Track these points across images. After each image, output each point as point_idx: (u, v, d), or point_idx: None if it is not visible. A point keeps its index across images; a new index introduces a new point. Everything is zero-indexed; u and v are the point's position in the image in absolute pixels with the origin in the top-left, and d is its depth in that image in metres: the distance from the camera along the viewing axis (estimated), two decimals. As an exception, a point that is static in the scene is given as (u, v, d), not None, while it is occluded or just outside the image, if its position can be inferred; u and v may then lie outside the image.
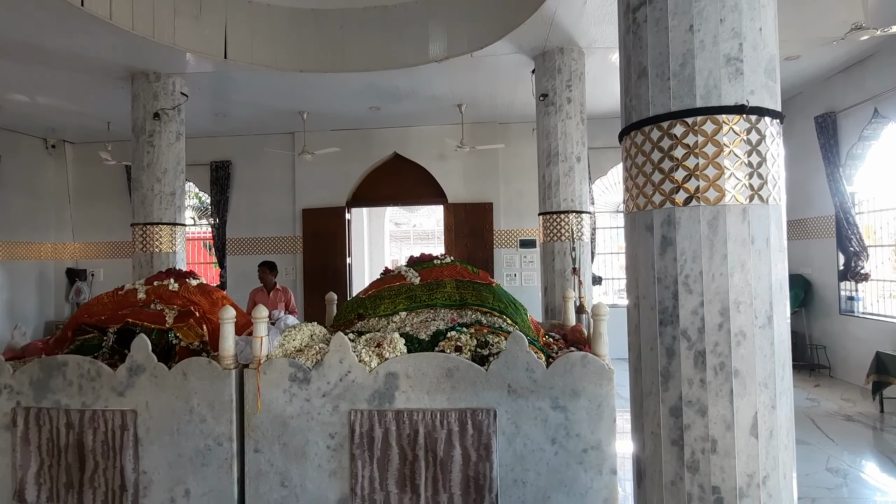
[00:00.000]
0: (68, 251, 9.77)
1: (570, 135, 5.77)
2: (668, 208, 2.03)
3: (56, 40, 5.40)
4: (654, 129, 2.08)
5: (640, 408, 2.17)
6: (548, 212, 5.80)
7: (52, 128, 8.80)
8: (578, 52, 5.81)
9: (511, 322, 3.72)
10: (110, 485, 3.42)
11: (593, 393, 3.13)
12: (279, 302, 6.20)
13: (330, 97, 7.36)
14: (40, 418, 3.49)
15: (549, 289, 5.84)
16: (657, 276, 2.06)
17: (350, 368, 3.27)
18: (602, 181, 8.87)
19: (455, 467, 3.15)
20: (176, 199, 6.38)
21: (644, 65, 2.12)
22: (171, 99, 6.30)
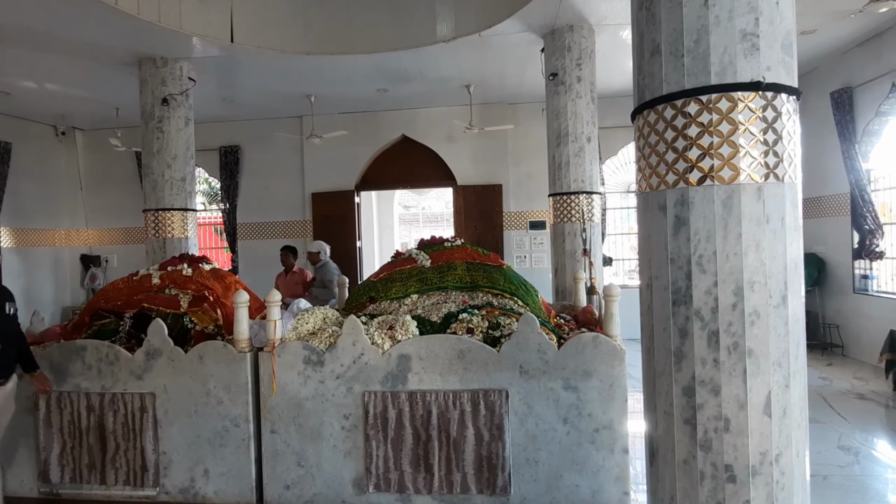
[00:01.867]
0: (82, 237, 9.88)
1: (581, 115, 5.70)
2: (682, 188, 2.01)
3: (63, 26, 5.39)
4: (667, 107, 2.05)
5: (652, 387, 2.18)
6: (558, 193, 5.77)
7: (62, 114, 8.83)
8: (588, 30, 5.71)
9: (522, 304, 3.74)
10: (131, 465, 3.51)
11: (605, 373, 3.15)
12: (295, 283, 6.28)
13: (337, 80, 7.31)
14: (61, 402, 3.57)
15: (559, 270, 5.83)
16: (670, 257, 2.05)
17: (363, 351, 3.31)
18: (612, 161, 8.78)
19: (468, 447, 3.19)
20: (186, 185, 6.41)
21: (657, 42, 2.08)
22: (179, 84, 6.29)
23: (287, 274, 6.39)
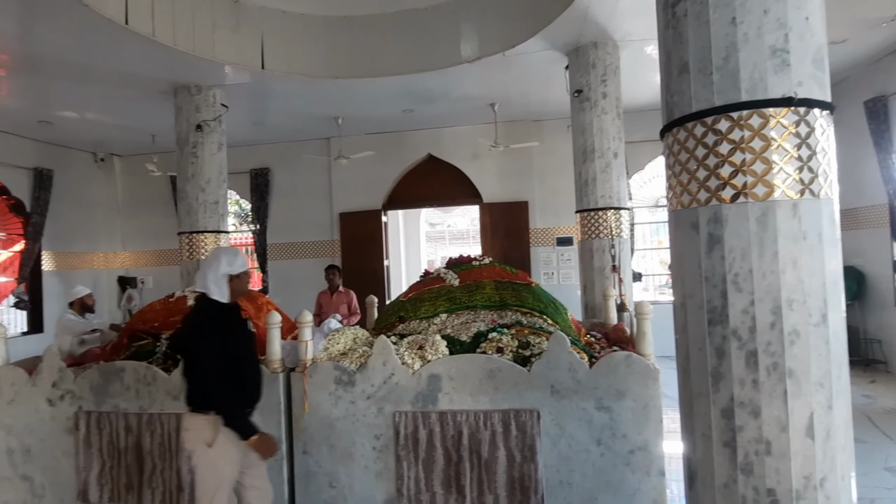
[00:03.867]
0: (119, 260, 10.20)
1: (607, 130, 5.69)
2: (715, 205, 1.99)
3: (103, 58, 5.65)
4: (697, 124, 2.04)
5: (689, 409, 2.13)
6: (585, 209, 5.74)
7: (101, 142, 9.20)
8: (613, 46, 5.72)
9: (552, 322, 3.71)
10: (167, 485, 3.57)
11: (639, 393, 3.09)
12: (341, 304, 6.31)
13: (364, 102, 7.46)
14: (101, 422, 3.66)
15: (588, 287, 5.77)
16: (704, 275, 2.02)
17: (393, 371, 3.32)
18: (640, 175, 8.70)
19: (500, 468, 3.16)
20: (219, 208, 6.58)
21: (685, 60, 2.08)
22: (213, 110, 6.50)
23: (332, 293, 6.41)
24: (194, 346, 2.61)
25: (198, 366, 2.61)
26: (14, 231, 8.51)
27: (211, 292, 2.64)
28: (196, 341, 2.61)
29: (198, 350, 2.60)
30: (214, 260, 2.69)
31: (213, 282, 2.64)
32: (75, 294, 5.43)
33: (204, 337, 2.59)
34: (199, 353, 2.59)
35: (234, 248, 2.81)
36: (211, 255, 2.78)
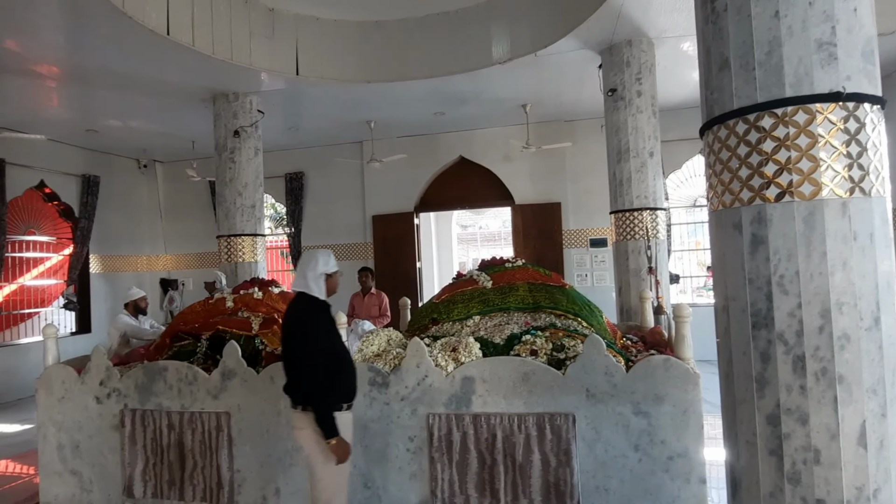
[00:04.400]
0: (161, 262, 10.53)
1: (642, 129, 5.58)
2: (758, 205, 1.93)
3: (146, 68, 5.85)
4: (739, 122, 1.98)
5: (732, 415, 2.07)
6: (620, 210, 5.64)
7: (144, 149, 9.52)
8: (648, 43, 5.61)
9: (587, 325, 3.66)
10: (208, 482, 3.66)
11: (678, 398, 3.01)
12: (373, 305, 6.37)
13: (396, 105, 7.52)
14: (145, 419, 3.79)
15: (623, 289, 5.67)
16: (748, 277, 1.96)
17: (427, 373, 3.32)
18: (676, 175, 8.51)
19: (535, 472, 3.13)
20: (256, 211, 6.73)
21: (726, 55, 2.02)
22: (249, 117, 6.66)
23: (365, 295, 6.48)
24: (309, 343, 2.68)
25: (312, 361, 2.66)
26: (64, 235, 8.89)
27: (311, 290, 2.78)
28: (309, 337, 2.68)
29: (311, 346, 2.67)
30: (312, 260, 2.83)
31: (312, 280, 2.78)
32: (131, 296, 5.63)
33: (316, 333, 2.70)
34: (313, 348, 2.67)
35: (326, 250, 2.93)
36: (306, 256, 2.88)
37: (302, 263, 2.86)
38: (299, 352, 2.70)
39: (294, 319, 2.78)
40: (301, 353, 2.69)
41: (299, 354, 2.70)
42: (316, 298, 2.80)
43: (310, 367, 2.65)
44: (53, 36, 5.12)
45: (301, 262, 2.88)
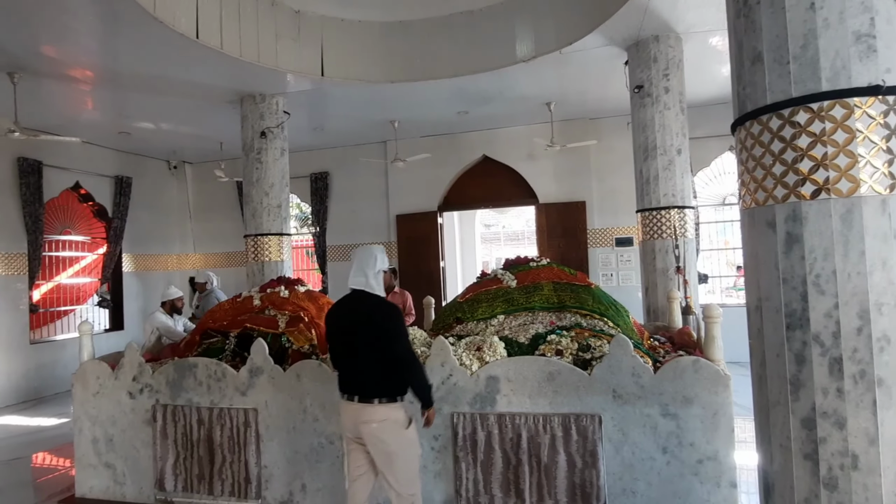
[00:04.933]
0: (190, 261, 10.76)
1: (669, 126, 5.48)
2: (793, 202, 1.88)
3: (175, 71, 5.98)
4: (773, 117, 1.93)
5: (766, 418, 2.02)
6: (647, 208, 5.55)
7: (174, 150, 9.74)
8: (675, 39, 5.51)
9: (613, 325, 3.61)
10: (236, 477, 3.73)
11: (707, 400, 2.95)
12: (397, 304, 6.38)
13: (420, 105, 7.54)
14: (176, 415, 3.87)
15: (650, 289, 5.58)
16: (782, 277, 1.91)
17: (451, 372, 3.33)
18: (705, 172, 8.34)
19: (560, 473, 3.10)
20: (282, 211, 6.82)
21: (759, 49, 1.97)
22: (276, 118, 6.75)
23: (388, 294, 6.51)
24: (403, 334, 2.73)
25: (407, 346, 2.73)
26: (98, 235, 9.15)
27: (372, 289, 2.80)
28: (395, 332, 2.72)
29: (397, 336, 2.72)
30: (370, 258, 2.83)
31: (372, 278, 2.80)
32: (169, 295, 5.74)
33: (396, 326, 2.74)
34: (399, 336, 2.72)
35: (380, 246, 2.93)
36: (363, 253, 2.86)
37: (360, 261, 2.84)
38: (398, 344, 2.70)
39: (368, 317, 2.75)
40: (388, 345, 2.69)
41: (396, 346, 2.70)
42: (376, 296, 2.80)
43: (407, 352, 2.71)
44: (88, 41, 5.27)
45: (358, 259, 2.85)
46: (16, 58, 5.38)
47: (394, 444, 2.70)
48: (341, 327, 2.84)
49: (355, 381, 2.76)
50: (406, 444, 2.75)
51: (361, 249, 2.90)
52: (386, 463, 2.71)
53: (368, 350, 2.71)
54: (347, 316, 2.83)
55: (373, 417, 2.69)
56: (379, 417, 2.69)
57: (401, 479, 2.72)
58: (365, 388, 2.71)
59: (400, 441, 2.72)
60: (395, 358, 2.70)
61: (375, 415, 2.69)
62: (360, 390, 2.72)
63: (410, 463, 2.77)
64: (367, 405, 2.70)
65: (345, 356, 2.82)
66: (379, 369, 2.70)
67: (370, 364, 2.71)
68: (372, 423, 2.69)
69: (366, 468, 2.84)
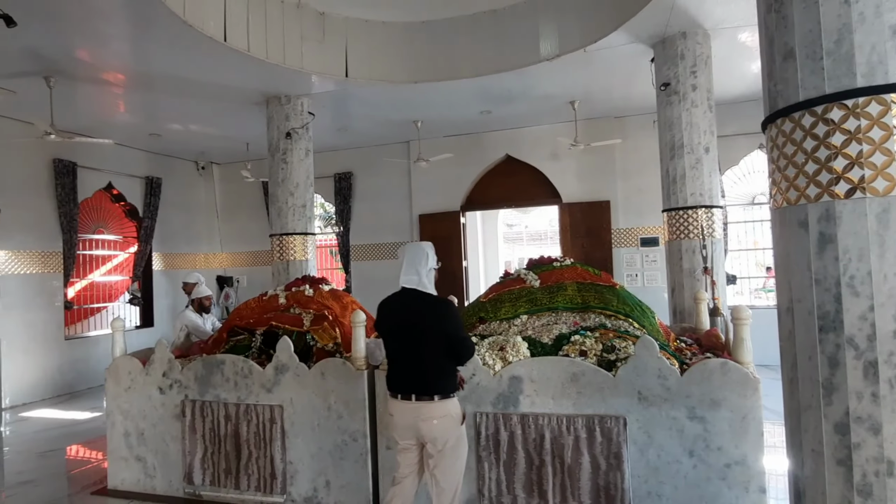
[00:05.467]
0: (217, 260, 10.97)
1: (697, 124, 5.39)
2: (827, 202, 1.83)
3: (204, 74, 6.10)
4: (805, 114, 1.89)
5: (797, 422, 1.97)
6: (673, 208, 5.47)
7: (202, 151, 9.94)
8: (703, 35, 5.41)
9: (638, 326, 3.57)
10: (262, 472, 3.78)
11: (736, 403, 2.90)
12: None
13: (442, 105, 7.55)
14: (204, 410, 3.95)
15: (676, 290, 5.50)
16: (815, 278, 1.86)
17: (474, 371, 3.32)
18: (733, 171, 8.17)
19: (584, 475, 3.08)
20: (307, 211, 6.91)
21: (791, 45, 1.93)
22: (301, 118, 6.84)
23: None
24: (457, 328, 2.72)
25: (466, 342, 2.73)
26: (129, 234, 9.39)
27: (425, 287, 2.77)
28: (454, 326, 2.71)
29: (457, 327, 2.73)
30: (422, 255, 2.80)
31: (425, 276, 2.78)
32: (200, 293, 5.85)
33: (457, 321, 2.74)
34: (460, 328, 2.74)
35: (429, 243, 2.90)
36: (414, 251, 2.82)
37: (411, 259, 2.79)
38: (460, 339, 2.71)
39: (425, 316, 2.72)
40: (458, 338, 2.70)
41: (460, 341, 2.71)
42: (430, 294, 2.77)
43: (468, 340, 2.75)
44: (121, 45, 5.41)
45: (409, 257, 2.80)
46: (52, 62, 5.56)
47: (452, 439, 2.70)
48: (396, 326, 2.80)
49: (413, 380, 2.71)
50: (461, 439, 2.76)
51: (412, 247, 2.84)
52: (440, 459, 2.70)
53: (427, 348, 2.69)
54: (403, 314, 2.78)
55: (434, 414, 2.67)
56: (440, 413, 2.68)
57: (449, 476, 2.72)
58: (424, 386, 2.68)
59: (457, 436, 2.73)
60: (460, 348, 2.70)
61: (436, 411, 2.67)
62: (418, 388, 2.69)
63: (461, 459, 2.76)
64: (427, 402, 2.67)
65: (401, 354, 2.77)
66: (437, 366, 2.69)
67: (429, 361, 2.69)
68: (433, 420, 2.67)
69: (412, 469, 2.82)
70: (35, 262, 7.56)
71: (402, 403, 2.72)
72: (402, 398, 2.72)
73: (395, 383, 2.78)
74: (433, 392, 2.67)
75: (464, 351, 2.73)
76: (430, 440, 2.69)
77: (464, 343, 2.72)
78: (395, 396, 2.76)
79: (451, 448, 2.71)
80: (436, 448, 2.69)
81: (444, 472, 2.70)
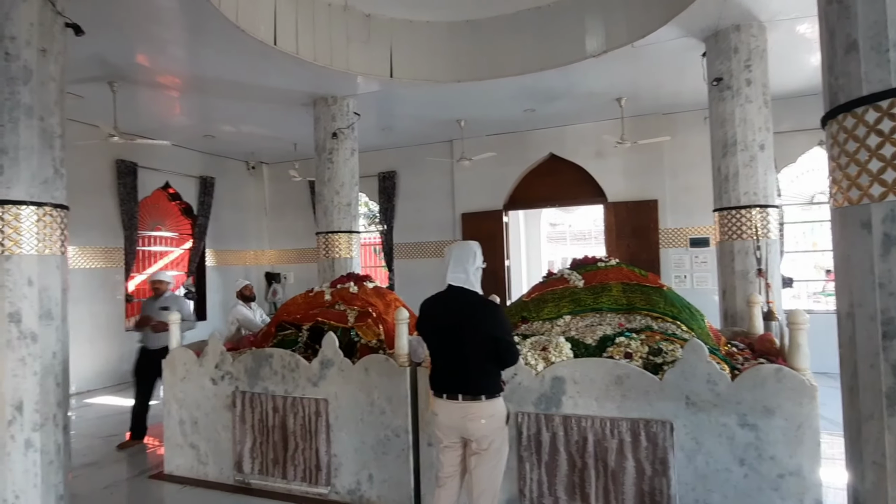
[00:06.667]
0: (266, 257, 11.32)
1: (751, 120, 5.18)
2: (892, 201, 1.74)
3: (255, 76, 6.30)
4: (869, 109, 1.79)
5: (857, 433, 1.88)
6: (725, 207, 5.27)
7: (252, 151, 10.28)
8: (758, 28, 5.19)
9: (686, 329, 3.47)
10: (308, 463, 3.89)
11: (791, 411, 2.78)
12: None
13: (486, 104, 7.53)
14: (253, 401, 4.09)
15: (727, 292, 5.30)
16: (878, 282, 1.77)
17: (516, 371, 3.31)
18: (790, 169, 7.81)
19: (628, 480, 3.02)
20: (351, 210, 7.04)
21: (853, 37, 1.84)
22: (346, 119, 6.96)
23: None
24: (504, 332, 2.71)
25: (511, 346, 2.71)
26: (185, 231, 9.81)
27: (472, 285, 2.76)
28: (502, 328, 2.71)
29: (505, 332, 2.72)
30: (470, 254, 2.80)
31: (472, 275, 2.77)
32: (237, 286, 6.10)
33: (504, 322, 2.75)
34: (507, 332, 2.74)
35: (476, 242, 2.90)
36: (462, 249, 2.81)
37: (458, 257, 2.78)
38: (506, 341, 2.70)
39: (472, 315, 2.71)
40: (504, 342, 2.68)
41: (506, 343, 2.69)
42: (477, 293, 2.77)
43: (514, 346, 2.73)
44: (176, 50, 5.66)
45: (456, 255, 2.79)
46: (115, 68, 5.86)
47: (498, 439, 2.70)
48: (443, 325, 2.77)
49: (459, 379, 2.69)
50: (505, 439, 2.75)
51: (459, 245, 2.84)
52: (483, 459, 2.69)
53: (474, 348, 2.67)
54: (449, 313, 2.76)
55: (482, 413, 2.66)
56: (488, 413, 2.67)
57: (491, 477, 2.71)
58: (471, 386, 2.67)
59: (503, 436, 2.73)
60: (505, 351, 2.68)
61: (484, 411, 2.67)
62: (465, 388, 2.67)
63: (503, 460, 2.76)
64: (475, 402, 2.65)
65: (447, 354, 2.75)
66: (483, 366, 2.68)
67: (474, 361, 2.68)
68: (481, 419, 2.65)
69: (455, 469, 2.82)
70: (99, 257, 8.00)
71: (448, 403, 2.71)
72: (447, 397, 2.72)
73: (440, 382, 2.77)
74: (480, 392, 2.66)
75: (508, 356, 2.70)
76: (476, 439, 2.68)
77: (510, 348, 2.70)
78: (441, 396, 2.75)
79: (497, 448, 2.70)
80: (481, 447, 2.68)
81: (486, 472, 2.69)
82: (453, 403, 2.70)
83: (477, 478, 2.71)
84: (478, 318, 2.69)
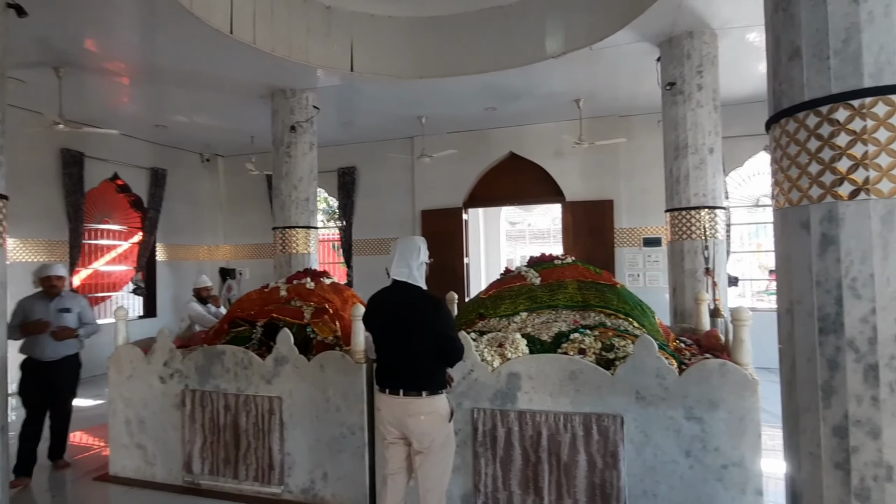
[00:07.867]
0: (220, 252, 10.99)
1: (702, 124, 5.36)
2: (829, 203, 1.82)
3: (210, 66, 6.10)
4: (810, 114, 1.87)
5: (795, 425, 1.97)
6: (676, 208, 5.45)
7: (207, 143, 9.95)
8: (710, 35, 5.38)
9: (638, 325, 3.56)
10: (260, 463, 3.80)
11: (734, 405, 2.89)
12: None
13: (447, 101, 7.53)
14: (204, 400, 3.97)
15: (677, 290, 5.48)
16: (816, 279, 1.85)
17: (473, 367, 3.33)
18: (738, 172, 8.13)
19: (580, 473, 3.08)
20: (309, 205, 6.91)
21: (797, 44, 1.91)
22: (305, 112, 6.83)
23: None
24: (447, 327, 2.67)
25: (454, 342, 2.66)
26: (133, 224, 9.41)
27: (416, 280, 2.72)
28: (445, 323, 2.66)
29: (448, 327, 2.68)
30: (414, 249, 2.75)
31: (416, 270, 2.73)
32: (200, 283, 5.93)
33: (446, 317, 2.69)
34: (451, 327, 2.70)
35: (421, 237, 2.85)
36: (406, 244, 2.77)
37: (403, 252, 2.75)
38: (449, 337, 2.65)
39: (414, 310, 2.68)
40: (436, 337, 2.63)
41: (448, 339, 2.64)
42: (420, 288, 2.73)
43: (458, 340, 2.69)
44: (127, 36, 5.42)
45: (400, 250, 2.76)
46: (61, 53, 5.57)
47: (439, 436, 2.67)
48: (385, 319, 2.76)
49: (401, 375, 2.68)
50: (448, 437, 2.73)
51: (404, 240, 2.81)
52: (427, 456, 2.67)
53: (415, 343, 2.64)
54: (392, 308, 2.75)
55: (421, 410, 2.64)
56: (427, 410, 2.65)
57: (436, 476, 2.69)
58: (412, 381, 2.66)
59: (444, 433, 2.70)
60: (448, 347, 2.64)
61: (424, 407, 2.65)
62: (406, 383, 2.66)
63: (449, 458, 2.74)
64: (415, 398, 2.64)
65: (390, 349, 2.74)
66: (425, 362, 2.65)
67: (417, 357, 2.66)
68: (420, 416, 2.64)
69: (401, 465, 2.80)
70: (42, 250, 7.59)
71: (390, 398, 2.70)
72: (389, 392, 2.70)
73: (383, 377, 2.76)
74: (421, 388, 2.65)
75: (450, 351, 2.66)
76: (416, 436, 2.66)
77: (452, 342, 2.65)
78: (384, 391, 2.73)
79: (439, 446, 2.68)
80: (422, 445, 2.66)
81: (430, 471, 2.68)
82: (394, 399, 2.68)
83: (422, 476, 2.70)
84: (419, 313, 2.67)
